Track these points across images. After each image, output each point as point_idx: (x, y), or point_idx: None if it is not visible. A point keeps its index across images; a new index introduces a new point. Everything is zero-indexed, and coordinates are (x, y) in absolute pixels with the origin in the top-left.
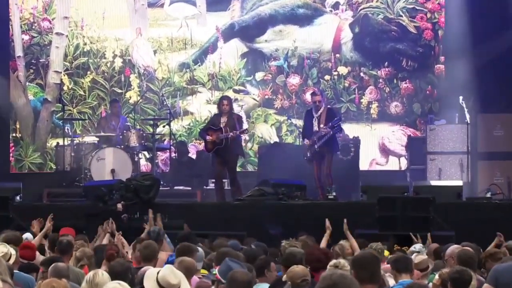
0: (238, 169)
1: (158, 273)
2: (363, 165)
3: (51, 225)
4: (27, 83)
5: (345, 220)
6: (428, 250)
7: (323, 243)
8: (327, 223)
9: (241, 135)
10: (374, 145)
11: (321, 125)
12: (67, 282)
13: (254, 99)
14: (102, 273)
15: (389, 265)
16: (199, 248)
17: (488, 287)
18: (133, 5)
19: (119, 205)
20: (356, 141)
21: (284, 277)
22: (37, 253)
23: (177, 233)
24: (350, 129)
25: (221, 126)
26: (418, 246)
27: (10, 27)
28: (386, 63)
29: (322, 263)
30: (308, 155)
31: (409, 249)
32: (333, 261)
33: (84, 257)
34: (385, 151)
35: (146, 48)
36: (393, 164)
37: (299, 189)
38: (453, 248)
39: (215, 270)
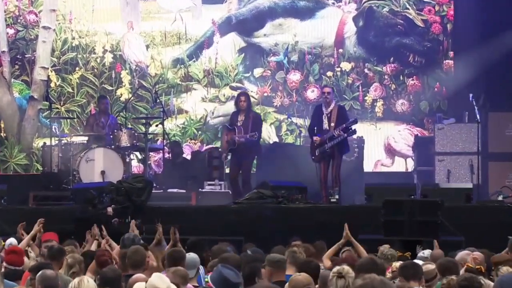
0: None
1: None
2: (368, 167)
3: (40, 228)
4: (12, 80)
5: (345, 226)
6: (431, 256)
7: (332, 252)
8: (346, 229)
9: (251, 138)
10: (379, 145)
11: (332, 124)
12: None
13: (253, 96)
14: (87, 280)
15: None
16: (193, 254)
17: None
18: None
19: (110, 209)
20: (360, 141)
21: (286, 286)
22: (25, 258)
23: (168, 238)
24: None
25: (238, 125)
26: (427, 252)
27: None
28: (392, 58)
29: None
30: (316, 154)
31: (418, 255)
32: (336, 268)
33: (76, 264)
34: (391, 152)
35: (138, 42)
36: (399, 165)
37: (299, 191)
38: (462, 255)
39: (207, 277)
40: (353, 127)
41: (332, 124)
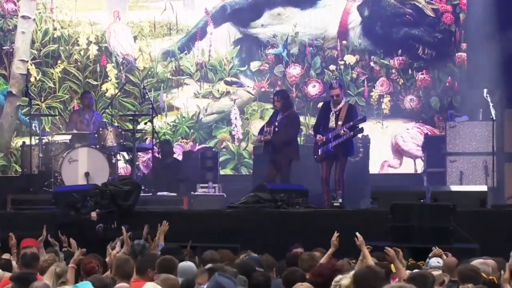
0: (230, 172)
1: None
2: (374, 168)
3: None
4: None
5: (357, 234)
6: (444, 265)
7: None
8: (334, 237)
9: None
10: (386, 145)
11: (339, 123)
12: None
13: (249, 92)
14: None
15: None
16: (190, 263)
17: None
18: None
19: (94, 214)
20: (366, 141)
21: None
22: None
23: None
24: None
25: (275, 124)
26: (440, 260)
27: None
28: (400, 51)
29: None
30: (320, 153)
31: (430, 263)
32: (339, 277)
33: (65, 273)
34: (399, 152)
35: (125, 33)
36: (408, 167)
37: (300, 194)
38: (475, 263)
39: (204, 287)
40: (361, 125)
41: (340, 123)
